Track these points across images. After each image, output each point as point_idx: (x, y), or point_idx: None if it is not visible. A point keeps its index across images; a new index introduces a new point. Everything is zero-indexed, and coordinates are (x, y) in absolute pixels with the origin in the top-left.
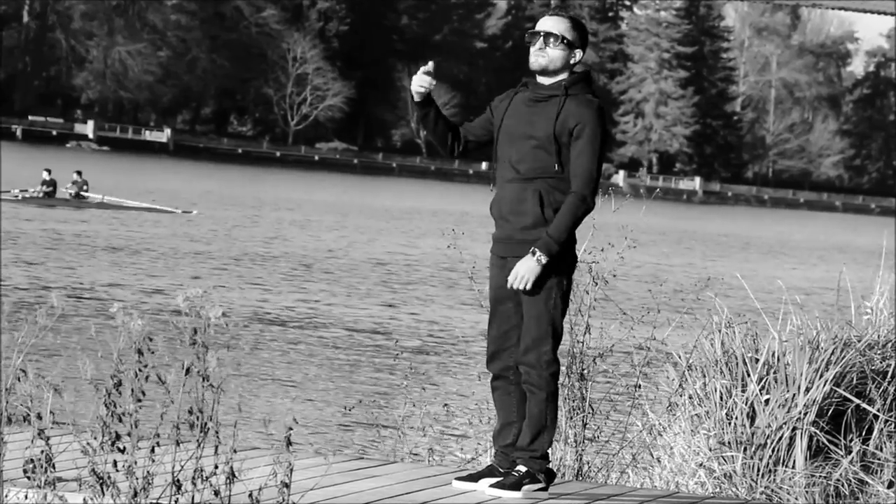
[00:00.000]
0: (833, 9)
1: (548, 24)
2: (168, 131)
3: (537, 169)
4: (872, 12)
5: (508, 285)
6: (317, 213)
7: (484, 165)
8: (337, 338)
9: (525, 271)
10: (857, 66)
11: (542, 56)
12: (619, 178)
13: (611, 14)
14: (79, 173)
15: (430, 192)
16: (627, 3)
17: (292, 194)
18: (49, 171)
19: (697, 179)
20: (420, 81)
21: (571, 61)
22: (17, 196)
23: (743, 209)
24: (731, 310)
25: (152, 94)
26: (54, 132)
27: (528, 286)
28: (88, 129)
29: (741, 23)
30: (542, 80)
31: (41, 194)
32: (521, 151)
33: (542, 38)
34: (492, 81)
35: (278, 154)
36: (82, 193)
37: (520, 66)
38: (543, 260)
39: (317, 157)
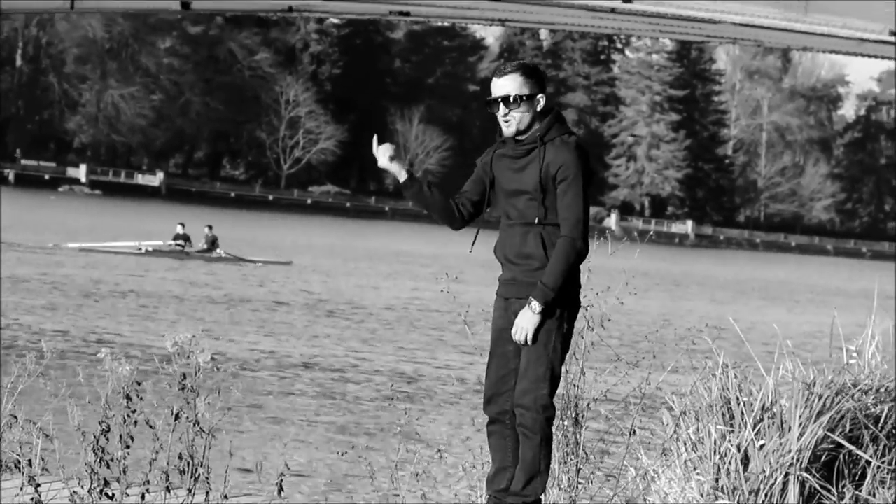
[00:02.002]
0: (824, 52)
1: (501, 88)
2: (161, 175)
3: (535, 217)
4: (863, 56)
5: (514, 338)
6: (310, 257)
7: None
8: (331, 381)
9: (524, 323)
10: (849, 110)
11: (510, 123)
12: (612, 220)
13: (603, 57)
14: (209, 227)
15: (423, 235)
16: (619, 46)
17: (285, 238)
18: (183, 225)
19: (689, 223)
20: (383, 152)
21: (538, 109)
22: (140, 250)
23: (735, 252)
24: (725, 354)
25: (145, 138)
26: (47, 176)
27: (530, 338)
28: (81, 172)
29: (732, 66)
30: (519, 137)
31: (171, 248)
32: (517, 206)
33: (501, 104)
34: (485, 124)
35: (271, 198)
36: (212, 248)
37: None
38: (538, 309)
39: (309, 201)
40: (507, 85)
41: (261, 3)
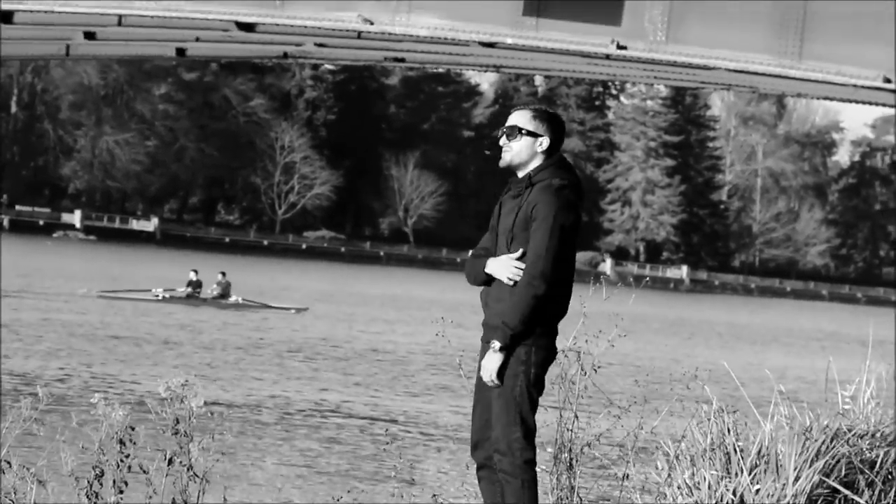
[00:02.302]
0: (818, 98)
1: (509, 119)
2: (155, 220)
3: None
4: (858, 102)
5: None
6: (305, 302)
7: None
8: (326, 426)
9: (487, 363)
10: (843, 156)
11: (507, 151)
12: (607, 266)
13: (597, 103)
14: (223, 274)
15: (419, 280)
16: (614, 92)
17: (280, 282)
18: (196, 272)
19: (684, 268)
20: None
21: (538, 149)
22: (157, 296)
23: (730, 298)
24: (720, 399)
25: (140, 184)
26: (41, 222)
27: (494, 378)
28: (75, 218)
29: (727, 112)
30: (518, 174)
31: (186, 294)
32: (502, 247)
33: (504, 134)
34: (480, 169)
35: (266, 243)
36: (224, 294)
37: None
38: (497, 347)
39: (304, 246)
40: (515, 118)
41: (256, 49)
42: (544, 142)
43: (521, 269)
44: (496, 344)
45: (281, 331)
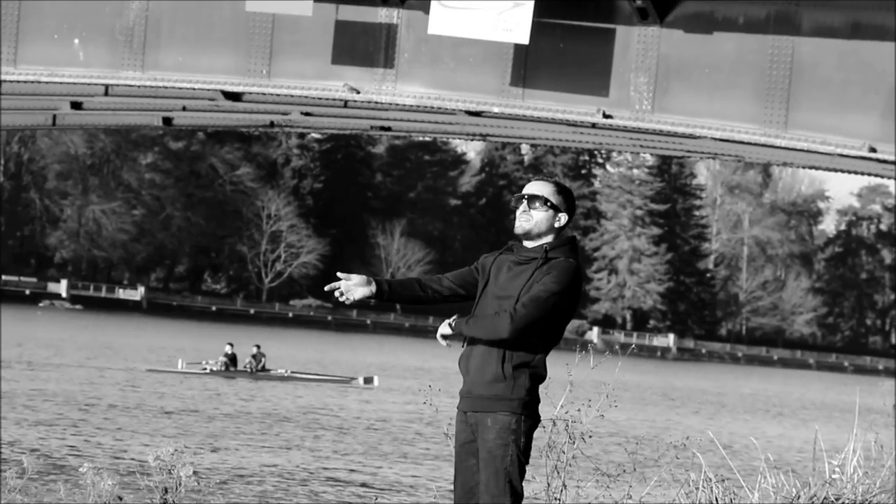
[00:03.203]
0: (804, 167)
1: (532, 187)
2: (142, 289)
3: None
4: (843, 171)
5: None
6: (294, 370)
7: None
8: (314, 494)
9: (441, 329)
10: (829, 225)
11: (527, 220)
12: (593, 334)
13: (584, 171)
14: (258, 347)
15: (405, 348)
16: (600, 160)
17: (269, 351)
18: (231, 345)
19: (671, 336)
20: (356, 286)
21: (556, 224)
22: (205, 369)
23: (717, 366)
24: (708, 467)
25: (126, 253)
26: (27, 291)
27: (440, 338)
28: (62, 288)
29: (713, 181)
30: (526, 243)
31: (222, 367)
32: (492, 307)
33: (526, 201)
34: (466, 238)
35: (252, 311)
36: (261, 366)
37: (493, 223)
38: (445, 329)
39: (291, 315)
40: (539, 187)
41: (242, 118)
42: (563, 218)
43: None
44: (452, 323)
45: (268, 399)
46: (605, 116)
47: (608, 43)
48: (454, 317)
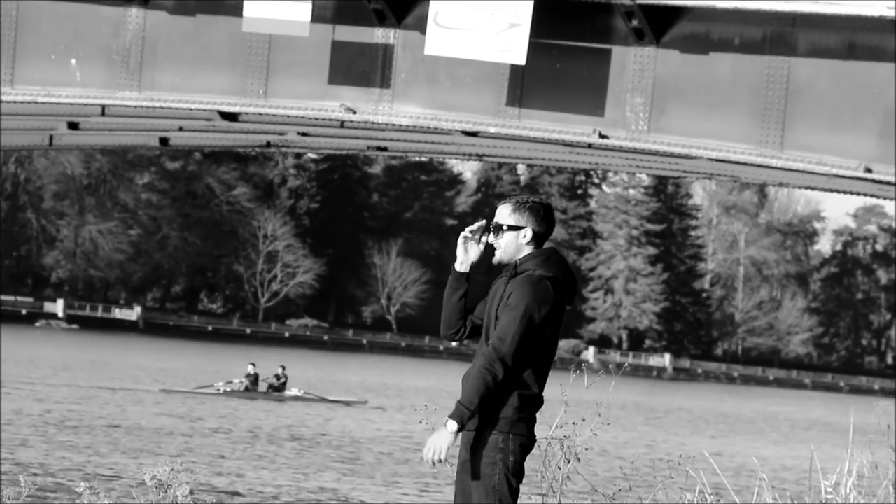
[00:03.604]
0: (800, 188)
1: (495, 217)
2: (138, 309)
3: (483, 351)
4: (839, 192)
5: (423, 458)
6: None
7: (453, 342)
8: None
9: (435, 440)
10: (825, 245)
11: (497, 249)
12: (589, 354)
13: (580, 191)
14: (282, 367)
15: (402, 368)
16: (596, 180)
17: (266, 371)
18: (254, 365)
19: (667, 356)
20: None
21: (523, 241)
22: (219, 390)
23: (713, 386)
24: (703, 487)
25: (122, 273)
26: (24, 311)
27: (442, 457)
28: (58, 307)
29: (709, 201)
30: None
31: (243, 387)
32: (484, 332)
33: (492, 231)
34: None
35: (248, 331)
36: (281, 386)
37: (489, 243)
38: (452, 427)
39: (287, 334)
40: (497, 214)
41: (239, 138)
42: (527, 233)
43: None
44: (451, 424)
45: (264, 420)
46: (602, 136)
47: (604, 63)
48: (445, 420)
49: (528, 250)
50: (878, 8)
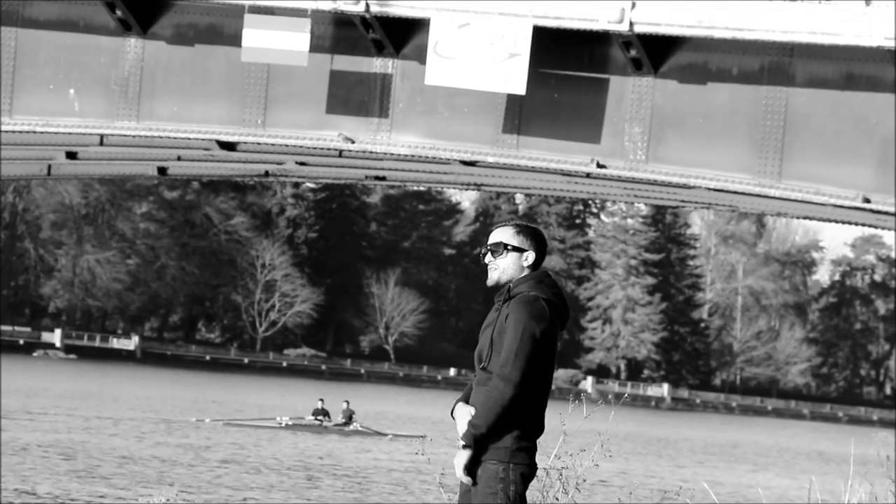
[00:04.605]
0: (798, 218)
1: (493, 236)
2: (136, 339)
3: (486, 377)
4: (837, 222)
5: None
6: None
7: (452, 371)
8: None
9: (456, 461)
10: (823, 275)
11: (494, 269)
12: (588, 384)
13: (578, 221)
14: (347, 402)
15: (399, 397)
16: (594, 210)
17: (264, 401)
18: (322, 401)
19: (665, 386)
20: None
21: (524, 264)
22: (281, 423)
23: (711, 416)
24: None
25: (120, 302)
26: (21, 341)
27: (463, 475)
28: (56, 337)
29: (707, 230)
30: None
31: (312, 422)
32: (476, 356)
33: (490, 251)
34: (461, 287)
35: (246, 361)
36: (349, 421)
37: (487, 273)
38: (461, 444)
39: (285, 364)
40: (499, 234)
41: (237, 167)
42: (530, 256)
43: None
44: (461, 443)
45: (261, 448)
46: (600, 166)
47: (602, 93)
48: (459, 441)
49: (525, 273)
50: (875, 38)
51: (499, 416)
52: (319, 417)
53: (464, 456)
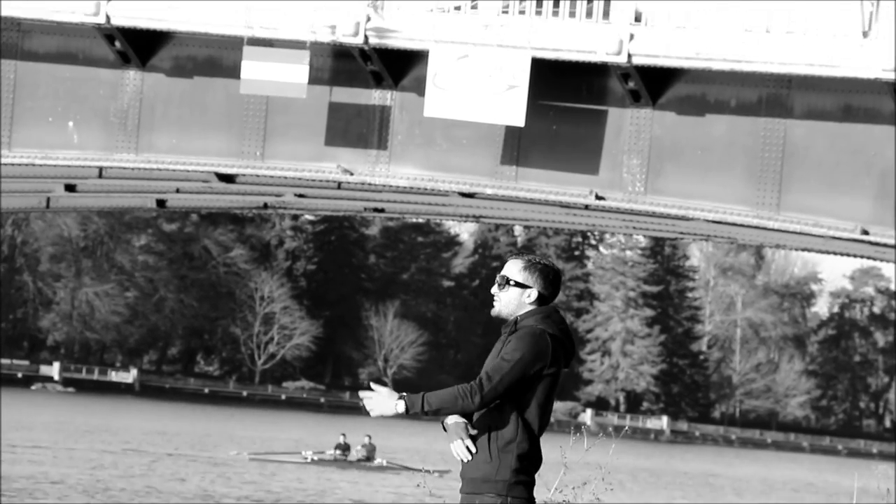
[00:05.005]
0: (797, 250)
1: (504, 267)
2: (134, 372)
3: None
4: (836, 254)
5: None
6: (285, 454)
7: None
8: None
9: (380, 402)
10: (822, 307)
11: (497, 301)
12: (587, 416)
13: (577, 253)
14: (368, 437)
15: (401, 430)
16: (593, 242)
17: (263, 434)
18: (344, 435)
19: (665, 418)
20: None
21: (526, 300)
22: (306, 458)
23: (710, 448)
24: None
25: (119, 335)
26: (19, 374)
27: (371, 411)
28: (54, 370)
29: (706, 262)
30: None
31: (334, 457)
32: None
33: (497, 284)
34: (459, 319)
35: (245, 394)
36: (370, 457)
37: (486, 304)
38: (400, 407)
39: (283, 397)
40: (507, 267)
41: (236, 199)
42: (532, 294)
43: (471, 452)
44: (400, 404)
45: (261, 484)
46: (598, 198)
47: (601, 125)
48: (403, 393)
49: (528, 309)
50: (873, 70)
51: (446, 411)
52: (342, 453)
53: (390, 405)
